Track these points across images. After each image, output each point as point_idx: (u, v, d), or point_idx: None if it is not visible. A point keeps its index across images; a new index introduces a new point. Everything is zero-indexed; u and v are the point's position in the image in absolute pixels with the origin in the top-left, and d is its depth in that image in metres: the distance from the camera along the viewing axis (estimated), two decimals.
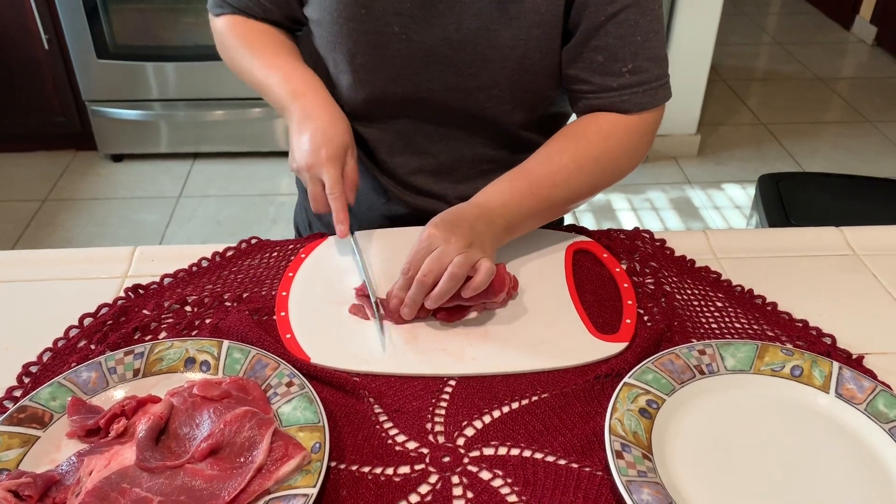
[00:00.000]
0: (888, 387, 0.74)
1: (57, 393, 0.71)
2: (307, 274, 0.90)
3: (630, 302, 0.86)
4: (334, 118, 0.89)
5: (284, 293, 0.86)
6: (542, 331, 0.82)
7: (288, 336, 0.80)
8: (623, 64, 0.88)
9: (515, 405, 0.73)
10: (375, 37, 0.89)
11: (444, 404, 0.74)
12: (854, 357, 0.79)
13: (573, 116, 0.98)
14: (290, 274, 0.89)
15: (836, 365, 0.75)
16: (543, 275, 0.89)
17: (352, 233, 0.89)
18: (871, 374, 0.77)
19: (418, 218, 1.02)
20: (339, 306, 0.84)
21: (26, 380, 0.76)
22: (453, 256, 0.78)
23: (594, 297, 0.87)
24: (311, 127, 0.88)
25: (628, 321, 0.83)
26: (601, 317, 0.85)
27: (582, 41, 0.88)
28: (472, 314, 0.83)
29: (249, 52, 0.97)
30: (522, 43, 0.87)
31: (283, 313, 0.83)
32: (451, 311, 0.82)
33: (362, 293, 0.84)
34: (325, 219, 1.12)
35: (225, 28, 1.00)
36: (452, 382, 0.76)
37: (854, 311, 0.87)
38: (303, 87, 0.92)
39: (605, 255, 0.93)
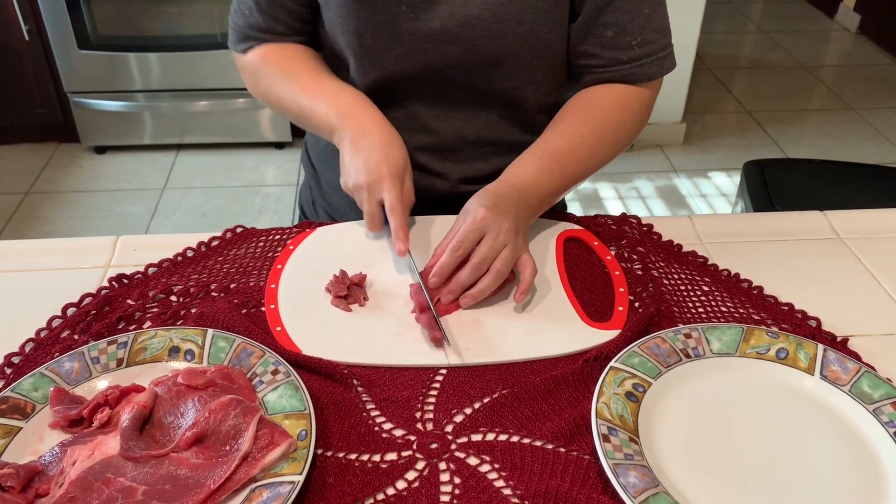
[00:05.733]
0: (872, 368, 0.74)
1: (39, 383, 0.70)
2: (296, 266, 0.89)
3: (622, 289, 0.86)
4: (392, 136, 0.88)
5: (273, 285, 0.86)
6: (536, 320, 0.81)
7: (278, 329, 0.80)
8: (632, 37, 0.90)
9: (506, 391, 0.73)
10: (383, 17, 0.88)
11: (434, 393, 0.73)
12: (839, 339, 0.80)
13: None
14: (279, 266, 0.89)
15: (820, 347, 0.75)
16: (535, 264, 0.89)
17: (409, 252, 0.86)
18: (856, 356, 0.77)
19: (420, 197, 1.01)
20: (328, 298, 0.84)
21: (8, 371, 0.75)
22: (505, 245, 0.79)
23: (585, 285, 0.87)
24: (368, 144, 0.86)
25: (620, 308, 0.83)
26: (593, 305, 0.84)
27: (592, 17, 0.89)
28: (455, 311, 0.83)
29: (287, 80, 0.94)
30: (529, 17, 0.87)
31: (272, 306, 0.83)
32: (445, 304, 0.82)
33: (421, 306, 0.81)
34: (328, 198, 1.11)
35: (257, 60, 0.97)
36: (443, 371, 0.76)
37: (838, 294, 0.88)
38: (355, 106, 0.90)
39: (596, 243, 0.93)
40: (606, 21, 0.89)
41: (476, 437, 0.68)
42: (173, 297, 0.85)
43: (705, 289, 0.87)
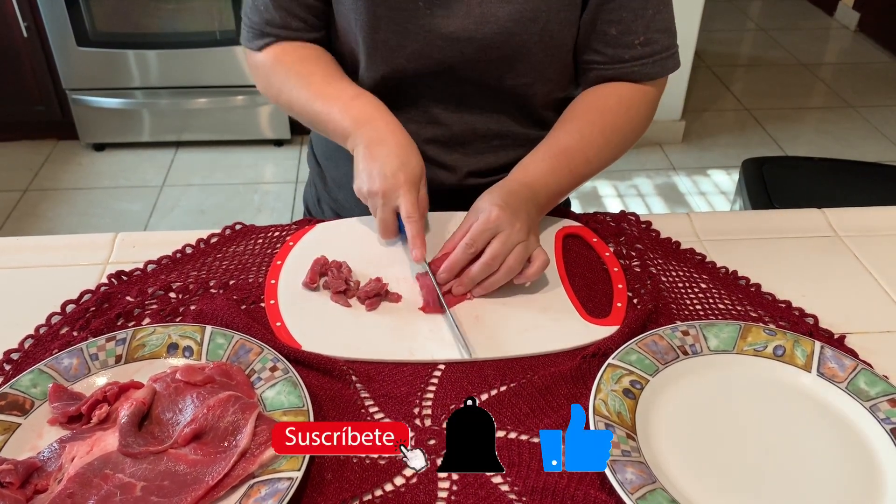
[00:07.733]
0: (869, 365, 0.74)
1: (38, 380, 0.71)
2: (295, 262, 0.89)
3: (620, 286, 0.86)
4: (408, 143, 0.87)
5: (273, 281, 0.86)
6: (535, 316, 0.81)
7: (278, 324, 0.80)
8: (636, 36, 0.90)
9: (504, 388, 0.73)
10: (398, 11, 0.88)
11: (432, 389, 0.74)
12: (836, 336, 0.80)
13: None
14: (279, 262, 0.89)
15: (817, 344, 0.75)
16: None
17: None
18: (853, 353, 0.77)
19: (430, 189, 1.01)
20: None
21: (7, 367, 0.75)
22: (517, 243, 0.80)
23: (584, 281, 0.87)
24: (385, 151, 0.85)
25: (619, 305, 0.83)
26: (591, 301, 0.85)
27: (596, 13, 0.90)
28: (464, 301, 0.83)
29: (301, 83, 0.93)
30: (544, 14, 0.88)
31: (272, 301, 0.83)
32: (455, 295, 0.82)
33: (433, 300, 0.82)
34: (333, 194, 1.11)
35: (271, 60, 0.96)
36: (442, 367, 0.76)
37: (836, 291, 0.88)
38: (370, 112, 0.89)
39: (595, 240, 0.93)
40: (610, 18, 0.90)
41: None
42: (172, 294, 0.85)
43: (703, 286, 0.87)
